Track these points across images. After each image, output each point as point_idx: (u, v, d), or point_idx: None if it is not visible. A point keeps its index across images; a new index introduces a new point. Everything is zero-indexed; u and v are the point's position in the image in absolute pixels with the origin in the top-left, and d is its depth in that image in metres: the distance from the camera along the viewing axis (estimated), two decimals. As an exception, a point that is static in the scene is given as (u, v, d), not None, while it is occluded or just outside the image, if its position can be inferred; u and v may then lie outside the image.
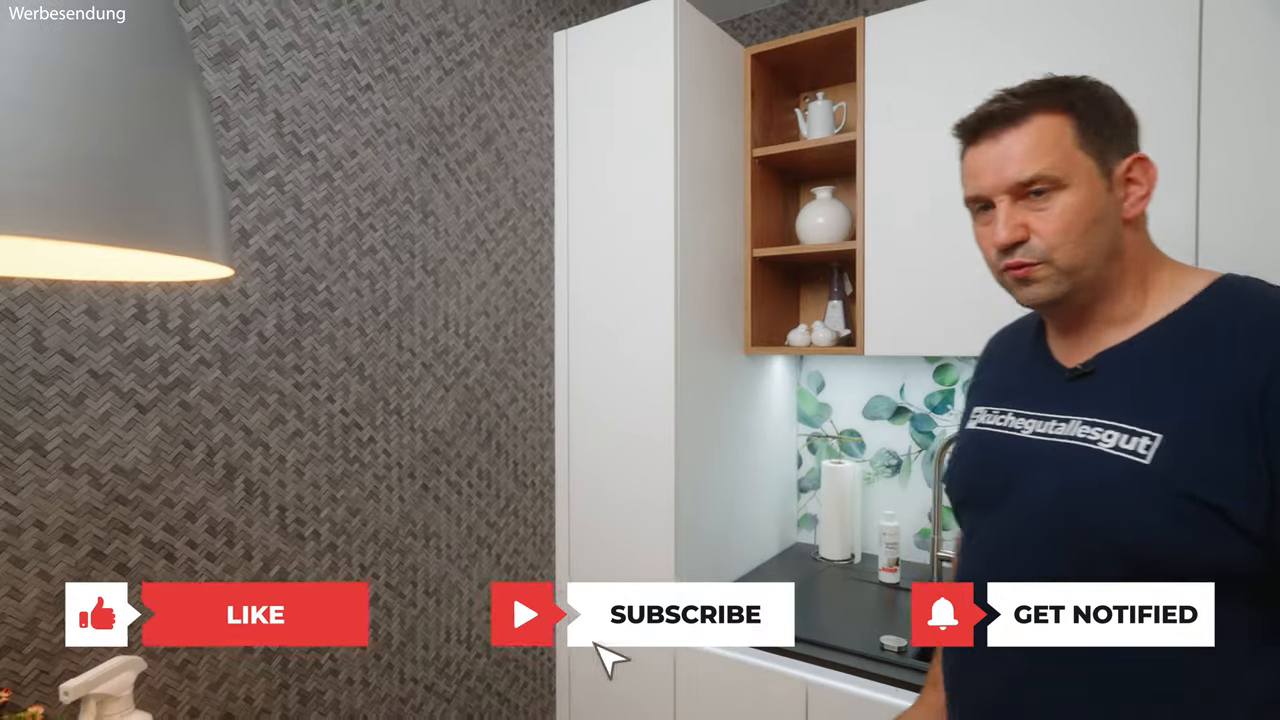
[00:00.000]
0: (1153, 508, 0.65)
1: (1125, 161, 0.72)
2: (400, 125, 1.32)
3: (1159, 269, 0.75)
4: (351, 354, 1.24)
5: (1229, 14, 1.19)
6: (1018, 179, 0.73)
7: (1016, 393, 0.82)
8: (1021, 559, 0.74)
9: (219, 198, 0.52)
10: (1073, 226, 0.71)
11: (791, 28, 2.05)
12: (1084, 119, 0.72)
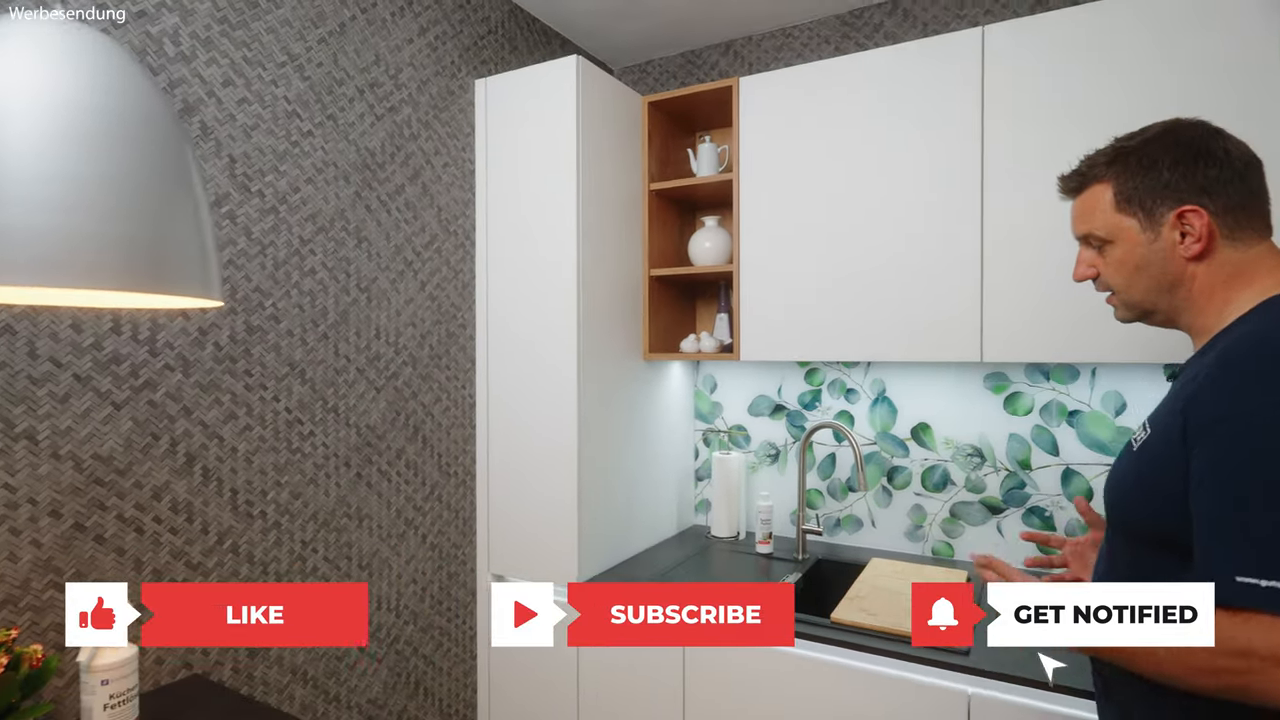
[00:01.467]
0: (1134, 485, 0.83)
1: (1171, 215, 0.84)
2: (338, 164, 1.54)
3: (1239, 287, 0.83)
4: (294, 360, 1.45)
5: (1005, 93, 1.55)
6: (1077, 234, 0.94)
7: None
8: (1112, 544, 0.90)
9: (214, 246, 0.75)
10: (1120, 272, 0.89)
11: (688, 74, 2.36)
12: (1123, 183, 0.87)
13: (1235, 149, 0.84)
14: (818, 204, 1.76)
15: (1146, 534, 0.82)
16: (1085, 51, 1.47)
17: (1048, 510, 1.82)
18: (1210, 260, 0.83)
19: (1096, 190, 0.90)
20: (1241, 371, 0.73)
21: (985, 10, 1.90)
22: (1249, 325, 0.79)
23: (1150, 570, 0.80)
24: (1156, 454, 0.80)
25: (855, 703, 1.41)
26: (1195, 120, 0.87)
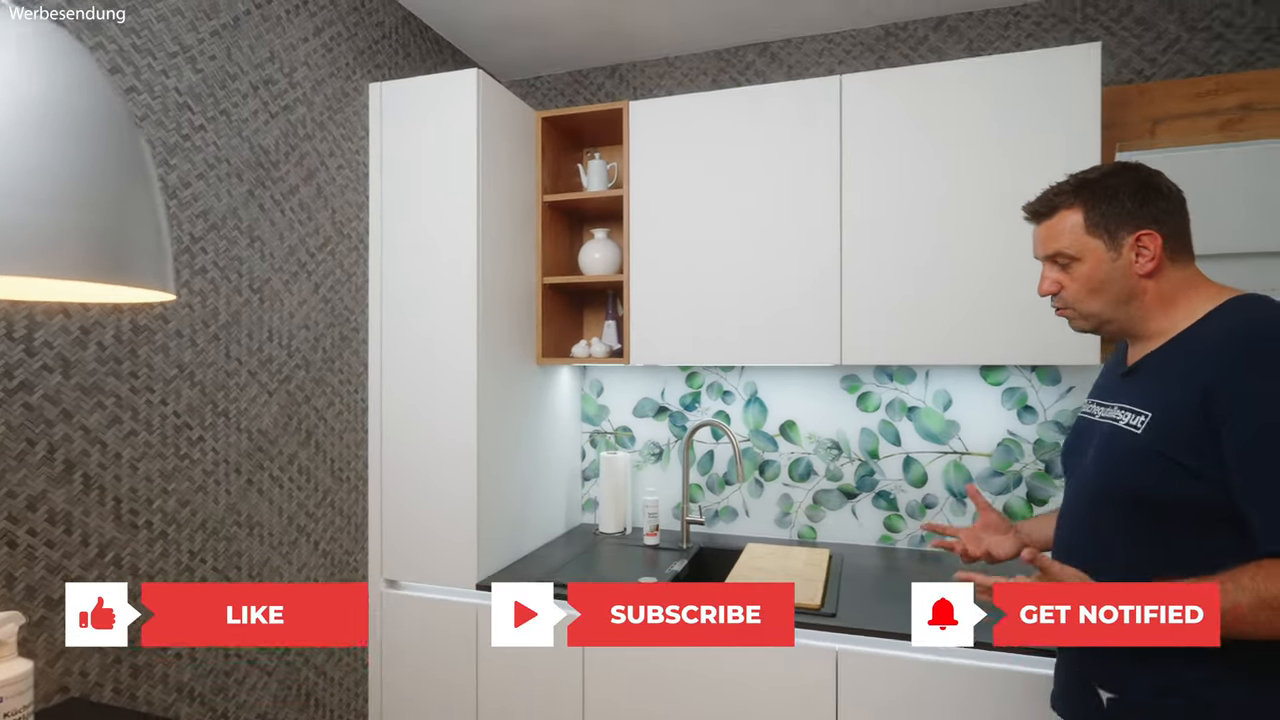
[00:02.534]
0: (1141, 462, 0.94)
1: (1131, 238, 0.99)
2: (230, 161, 1.49)
3: (1190, 297, 0.99)
4: (184, 362, 1.40)
5: (860, 130, 1.80)
6: (1046, 254, 1.07)
7: (1101, 388, 1.12)
8: (1083, 505, 1.04)
9: (169, 240, 0.76)
10: (1085, 287, 1.03)
11: (575, 92, 2.47)
12: (1093, 210, 1.01)
13: (1173, 187, 1.02)
14: (700, 222, 1.93)
15: (1161, 503, 0.93)
16: (924, 101, 1.75)
17: (892, 493, 2.11)
18: (1159, 277, 0.99)
19: (1065, 215, 1.04)
20: (1264, 353, 0.88)
21: (839, 60, 2.18)
22: (1233, 319, 0.94)
23: (1165, 536, 0.93)
24: (1173, 431, 0.92)
25: (743, 666, 1.57)
26: (1138, 163, 1.04)
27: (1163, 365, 0.98)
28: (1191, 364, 0.93)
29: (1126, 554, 0.98)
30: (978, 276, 1.71)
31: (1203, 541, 0.92)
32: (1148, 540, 0.96)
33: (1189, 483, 0.91)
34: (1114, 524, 0.99)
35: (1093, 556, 1.00)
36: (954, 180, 1.72)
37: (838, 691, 1.50)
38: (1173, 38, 1.89)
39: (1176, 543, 0.94)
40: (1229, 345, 0.91)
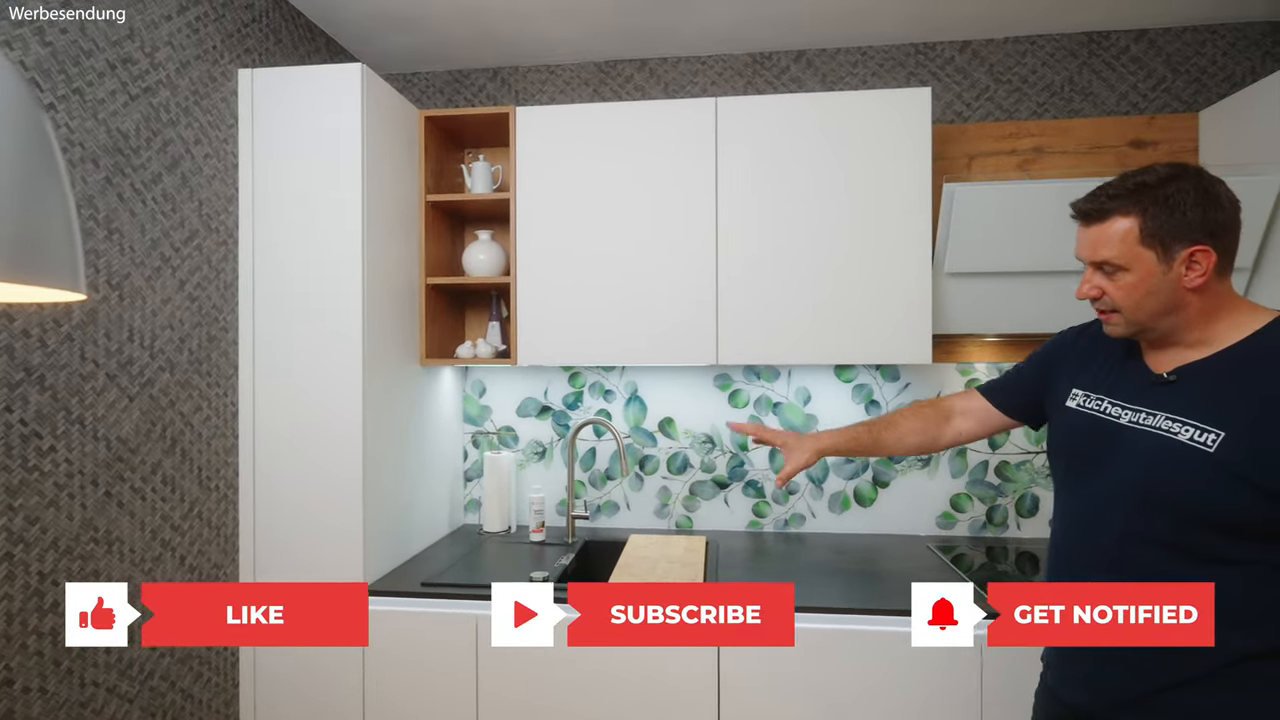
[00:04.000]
0: (1207, 479, 0.91)
1: (1185, 252, 0.95)
2: (85, 145, 1.37)
3: (1230, 311, 0.98)
4: (31, 364, 1.26)
5: (734, 148, 1.96)
6: (1092, 259, 1.02)
7: (1113, 386, 1.06)
8: (1112, 515, 0.99)
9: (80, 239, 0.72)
10: (1130, 296, 0.99)
11: (455, 92, 2.46)
12: (1150, 220, 0.96)
13: (1231, 196, 0.97)
14: (586, 227, 2.01)
15: (1231, 521, 0.91)
16: (788, 126, 1.94)
17: (760, 482, 2.31)
18: (1204, 291, 0.97)
19: (1117, 220, 0.98)
20: None
21: (712, 81, 2.35)
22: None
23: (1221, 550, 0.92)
24: (1257, 453, 0.89)
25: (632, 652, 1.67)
26: (1198, 166, 0.99)
27: (1215, 379, 0.96)
28: (1263, 390, 0.91)
29: (1158, 558, 0.97)
30: (831, 287, 1.93)
31: (1260, 549, 0.92)
32: (1192, 547, 0.95)
33: (1263, 501, 0.89)
34: (1160, 532, 0.97)
35: (1119, 560, 1.00)
36: (811, 200, 1.93)
37: (719, 661, 1.64)
38: (984, 87, 2.23)
39: (1224, 548, 0.93)
40: None
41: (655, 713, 1.66)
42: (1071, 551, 1.08)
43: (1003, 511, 2.22)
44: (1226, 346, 0.97)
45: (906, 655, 1.59)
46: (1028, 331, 1.99)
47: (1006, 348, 2.22)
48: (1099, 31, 2.18)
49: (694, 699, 1.65)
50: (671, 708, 1.65)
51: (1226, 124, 2.01)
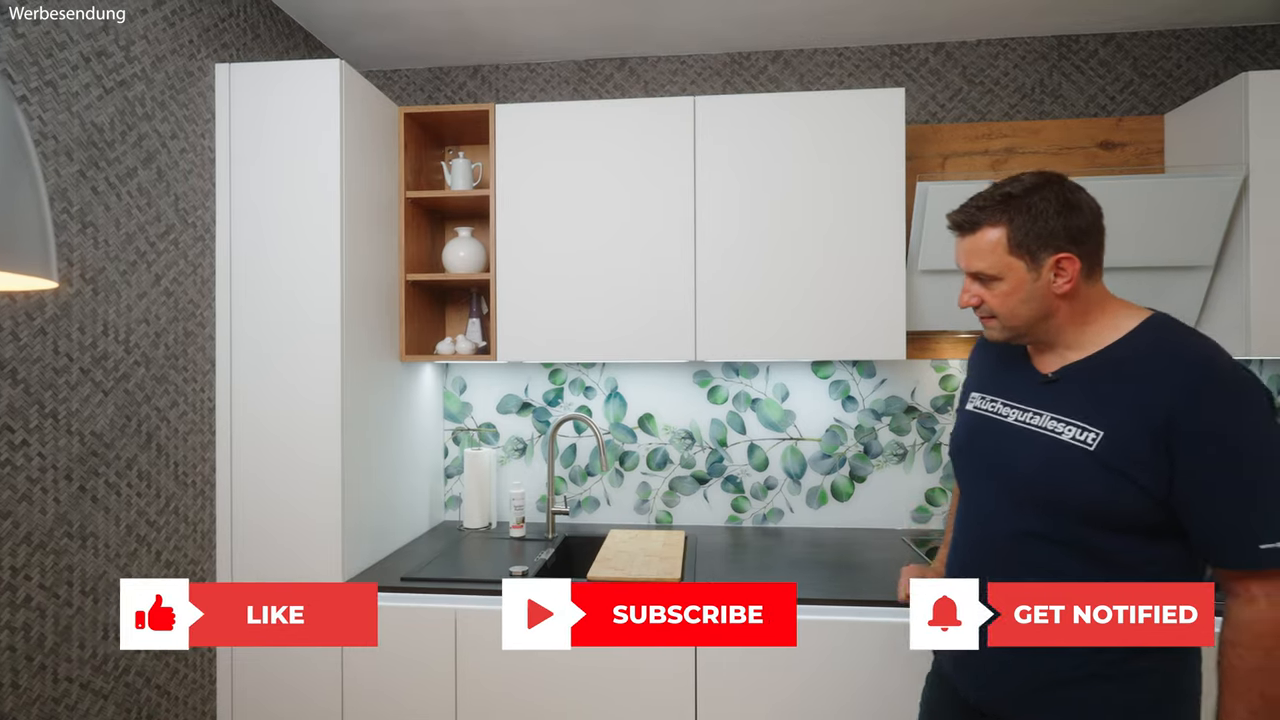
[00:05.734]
0: (1089, 476, 0.96)
1: (1051, 259, 1.00)
2: (59, 138, 1.36)
3: (1104, 313, 1.03)
4: (3, 358, 1.25)
5: (711, 146, 1.98)
6: (968, 269, 1.07)
7: (1005, 388, 1.11)
8: (1002, 512, 1.05)
9: (52, 227, 0.73)
10: (1005, 304, 1.04)
11: (435, 89, 2.46)
12: (1016, 230, 1.00)
13: (1092, 204, 1.02)
14: (566, 224, 2.03)
15: (1111, 515, 0.96)
16: (766, 124, 1.97)
17: (738, 477, 2.33)
18: (1074, 296, 1.02)
19: (988, 232, 1.02)
20: (1221, 395, 0.92)
21: (691, 80, 2.37)
22: (1177, 344, 0.97)
23: (1101, 542, 0.97)
24: (1132, 452, 0.94)
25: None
26: (1060, 174, 1.04)
27: (1093, 380, 1.01)
28: (1140, 386, 0.96)
29: (1051, 554, 1.01)
30: (807, 284, 1.96)
31: (1144, 548, 0.97)
32: (1081, 544, 0.99)
33: (1141, 498, 0.94)
34: (1049, 529, 1.01)
35: (1016, 558, 1.04)
36: (788, 198, 1.96)
37: (695, 652, 1.66)
38: (957, 88, 2.27)
39: (1113, 546, 0.98)
40: (1188, 374, 0.94)
41: (635, 706, 1.67)
42: (970, 549, 1.12)
43: (976, 505, 2.26)
44: (1103, 347, 1.02)
45: (899, 643, 1.62)
46: (999, 328, 2.04)
47: (979, 344, 2.27)
48: (1069, 35, 2.23)
49: (674, 694, 1.66)
50: (651, 702, 1.67)
51: (1190, 126, 2.07)
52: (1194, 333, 1.01)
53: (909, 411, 2.28)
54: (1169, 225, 1.86)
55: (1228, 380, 0.94)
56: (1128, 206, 1.85)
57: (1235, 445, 0.92)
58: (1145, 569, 0.97)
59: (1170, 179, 1.85)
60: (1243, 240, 1.86)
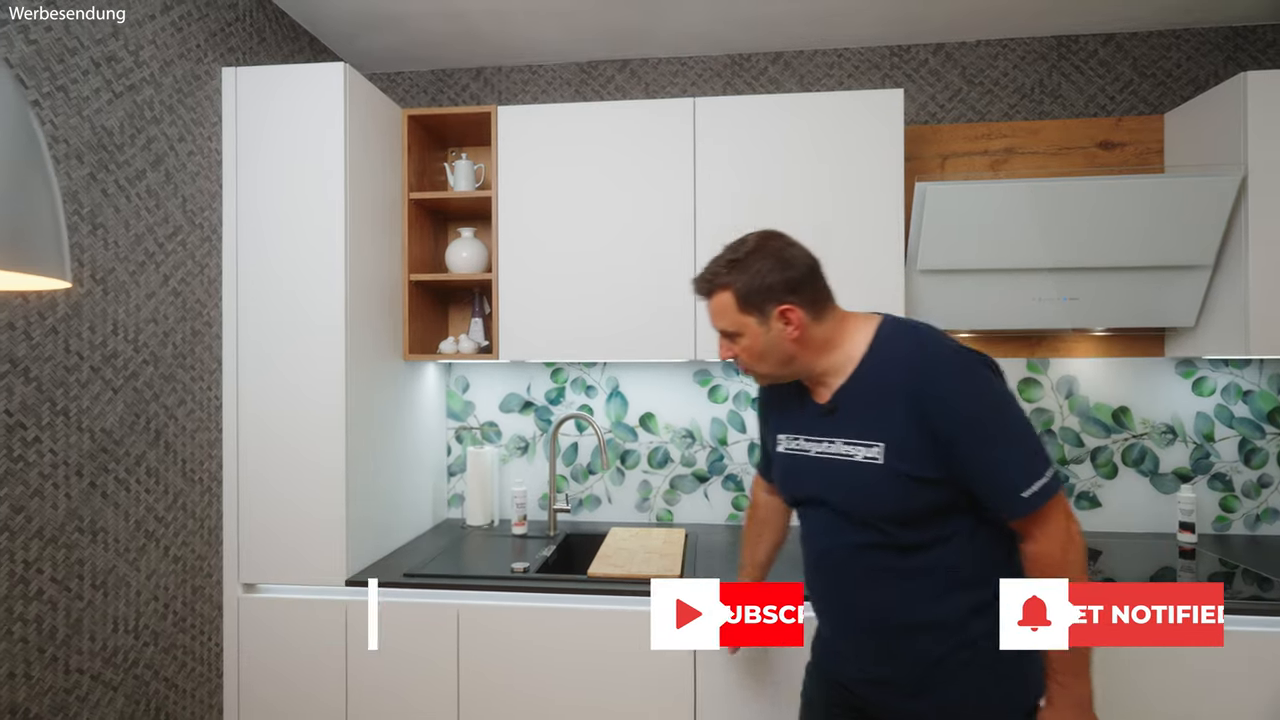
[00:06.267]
0: (888, 487, 1.07)
1: (775, 311, 1.11)
2: (70, 141, 1.39)
3: (843, 337, 1.14)
4: (16, 356, 1.29)
5: (711, 147, 2.00)
6: (715, 328, 1.18)
7: (800, 425, 1.20)
8: (833, 529, 1.15)
9: (65, 228, 0.75)
10: (752, 355, 1.15)
11: (438, 91, 2.49)
12: (742, 293, 1.12)
13: (801, 257, 1.14)
14: (567, 225, 2.05)
15: (915, 510, 1.08)
16: (766, 125, 1.99)
17: (739, 476, 2.35)
18: (806, 338, 1.13)
19: (723, 296, 1.14)
20: (950, 373, 1.06)
21: (692, 82, 2.39)
22: (901, 344, 1.11)
23: (918, 531, 1.09)
24: (909, 454, 1.06)
25: (613, 633, 1.71)
26: (776, 232, 1.16)
27: (861, 399, 1.12)
28: (891, 392, 1.08)
29: (881, 556, 1.12)
30: (809, 282, 1.97)
31: (945, 525, 1.09)
32: (903, 540, 1.10)
33: (934, 490, 1.07)
34: (876, 538, 1.12)
35: (860, 566, 1.15)
36: (787, 198, 1.98)
37: (695, 649, 1.68)
38: (956, 89, 2.29)
39: (945, 532, 1.09)
40: (916, 367, 1.07)
41: (635, 695, 1.69)
42: (817, 569, 1.22)
43: (975, 503, 2.27)
44: (856, 366, 1.13)
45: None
46: (999, 328, 2.05)
47: (979, 343, 2.28)
48: (1068, 35, 2.24)
49: (675, 688, 1.68)
50: (649, 692, 1.69)
51: (1190, 126, 2.07)
52: (917, 327, 1.15)
53: (909, 410, 2.29)
54: (1168, 225, 1.87)
55: (951, 359, 1.07)
56: (1127, 206, 1.86)
57: (975, 413, 1.04)
58: (959, 538, 1.09)
59: (1169, 179, 1.86)
60: (1242, 240, 1.86)
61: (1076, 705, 1.06)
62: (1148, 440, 2.21)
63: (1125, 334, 2.21)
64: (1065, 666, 1.06)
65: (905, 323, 1.16)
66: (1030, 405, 2.25)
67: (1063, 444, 2.24)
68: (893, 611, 1.12)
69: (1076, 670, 1.07)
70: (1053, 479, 1.05)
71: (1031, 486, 1.03)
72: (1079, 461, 2.23)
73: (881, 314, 1.18)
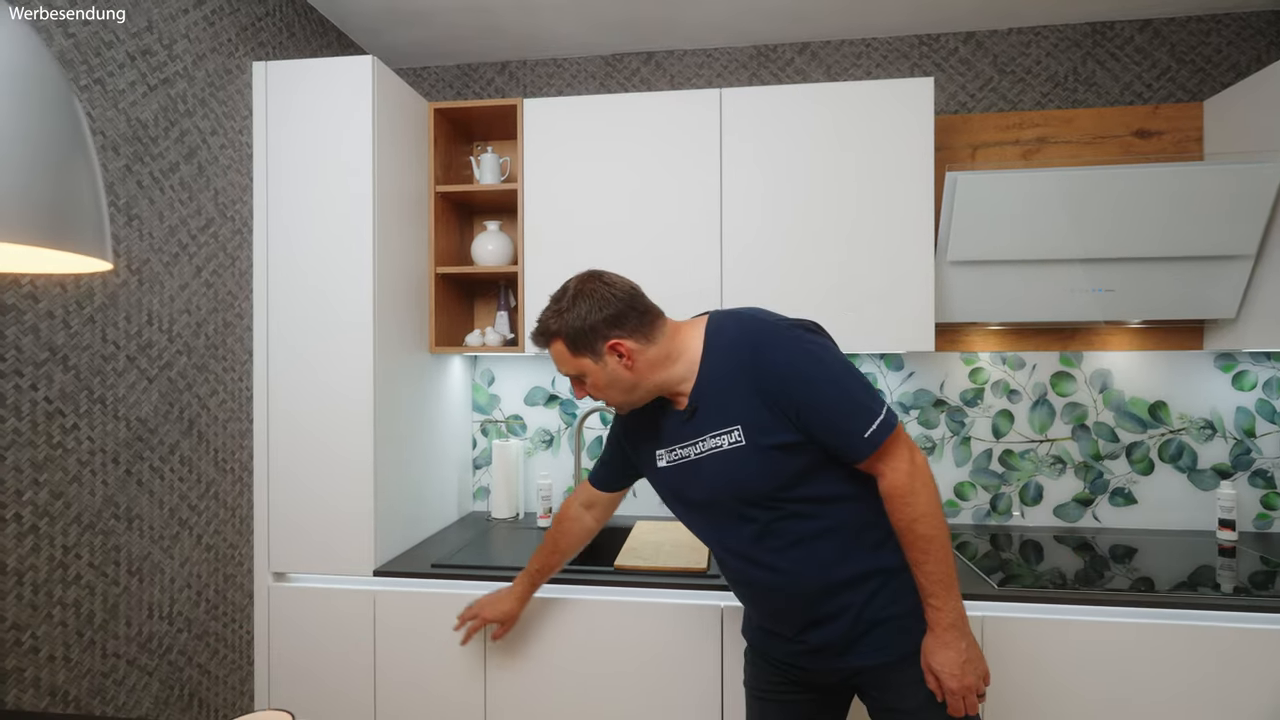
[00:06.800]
0: (756, 462, 1.14)
1: (605, 347, 1.17)
2: (106, 133, 1.41)
3: (680, 347, 1.20)
4: (55, 344, 1.31)
5: (737, 138, 1.99)
6: (562, 373, 1.25)
7: (671, 436, 1.25)
8: (729, 518, 1.20)
9: (107, 209, 0.76)
10: (601, 392, 1.21)
11: (464, 85, 2.50)
12: (570, 341, 1.18)
13: (621, 289, 1.19)
14: (591, 217, 2.04)
15: (784, 479, 1.14)
16: (792, 116, 1.97)
17: (764, 470, 2.33)
18: (641, 365, 1.18)
19: (557, 345, 1.21)
20: (775, 342, 1.14)
21: (717, 74, 2.37)
22: (729, 334, 1.17)
23: (798, 499, 1.15)
24: (763, 426, 1.13)
25: (639, 624, 1.70)
26: (593, 273, 1.22)
27: (712, 393, 1.17)
28: (733, 378, 1.15)
29: (797, 528, 1.17)
30: (835, 277, 1.95)
31: (827, 485, 1.16)
32: (812, 509, 1.17)
33: (799, 454, 1.13)
34: (772, 517, 1.18)
35: (766, 548, 1.19)
36: (815, 190, 1.95)
37: (722, 638, 1.67)
38: (987, 78, 2.25)
39: (808, 493, 1.16)
40: (743, 348, 1.15)
41: (662, 687, 1.68)
42: (725, 562, 1.27)
43: (1006, 500, 2.24)
44: (698, 367, 1.19)
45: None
46: (1031, 320, 2.01)
47: (1009, 337, 2.24)
48: (1103, 22, 2.19)
49: (703, 680, 1.67)
50: (677, 684, 1.68)
51: (1231, 113, 2.02)
52: (740, 312, 1.22)
53: (938, 404, 2.26)
54: (1208, 214, 1.82)
55: (770, 330, 1.15)
56: (1165, 195, 1.81)
57: (801, 372, 1.12)
58: (844, 503, 1.17)
59: (1209, 167, 1.81)
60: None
61: (952, 626, 1.13)
62: (1185, 435, 2.16)
63: (1162, 326, 2.16)
64: (934, 589, 1.13)
65: (730, 312, 1.23)
66: (1063, 400, 2.21)
67: (1097, 439, 2.19)
68: (805, 580, 1.18)
69: (946, 588, 1.13)
70: (888, 415, 1.12)
71: (870, 426, 1.10)
72: (1114, 457, 2.19)
73: (708, 311, 1.26)
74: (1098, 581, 1.69)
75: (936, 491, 1.15)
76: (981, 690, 1.16)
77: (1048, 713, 1.58)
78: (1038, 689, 1.58)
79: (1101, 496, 2.19)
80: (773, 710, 1.34)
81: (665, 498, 1.32)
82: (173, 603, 1.59)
